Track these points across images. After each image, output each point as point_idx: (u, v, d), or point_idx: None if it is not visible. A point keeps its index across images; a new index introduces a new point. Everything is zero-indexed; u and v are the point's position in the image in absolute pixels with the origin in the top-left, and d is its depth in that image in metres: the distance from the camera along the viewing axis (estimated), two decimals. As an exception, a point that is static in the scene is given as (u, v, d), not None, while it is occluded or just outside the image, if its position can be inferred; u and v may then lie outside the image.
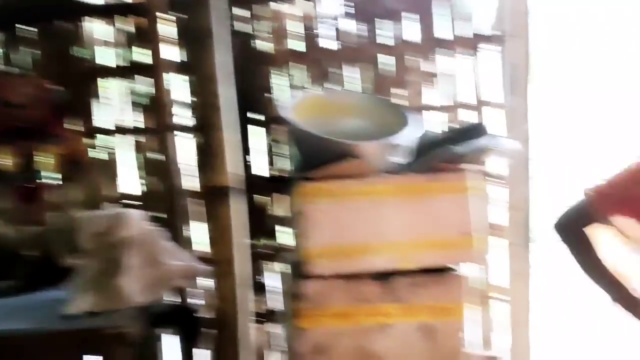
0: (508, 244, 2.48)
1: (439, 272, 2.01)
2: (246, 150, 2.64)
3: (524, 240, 2.54)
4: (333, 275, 1.94)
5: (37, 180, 2.51)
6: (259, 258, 2.66)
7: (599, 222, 1.34)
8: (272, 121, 2.62)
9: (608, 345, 3.07)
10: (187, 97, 2.54)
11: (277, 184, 2.62)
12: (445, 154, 1.98)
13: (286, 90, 2.59)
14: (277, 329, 2.67)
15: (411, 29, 2.55)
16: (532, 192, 2.63)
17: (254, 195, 2.66)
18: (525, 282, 2.64)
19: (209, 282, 2.47)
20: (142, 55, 2.58)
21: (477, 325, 2.65)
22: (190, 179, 2.58)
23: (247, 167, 2.62)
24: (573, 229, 1.40)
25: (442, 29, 2.53)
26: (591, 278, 1.41)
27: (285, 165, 2.62)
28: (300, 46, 2.59)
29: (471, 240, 1.98)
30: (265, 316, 2.69)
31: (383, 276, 1.97)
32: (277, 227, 2.66)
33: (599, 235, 1.38)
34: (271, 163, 2.66)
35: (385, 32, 2.56)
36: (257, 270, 2.66)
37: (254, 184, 2.64)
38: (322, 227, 1.92)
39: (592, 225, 1.36)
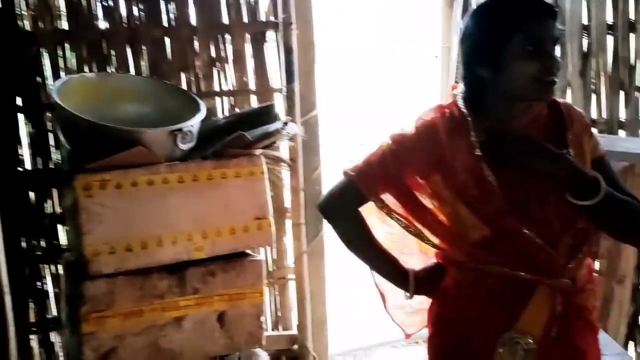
0: (301, 225, 2.54)
1: (234, 258, 1.99)
2: (16, 140, 2.34)
3: (317, 220, 2.63)
4: (119, 272, 1.81)
5: None
6: (35, 261, 2.39)
7: (361, 200, 1.41)
8: (42, 108, 2.35)
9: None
10: None
11: (51, 178, 2.37)
12: (236, 139, 1.96)
13: (56, 73, 2.34)
14: (59, 338, 2.43)
15: (195, 13, 2.46)
16: (323, 174, 2.74)
17: (29, 192, 2.38)
18: (320, 260, 2.75)
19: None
20: None
21: (275, 306, 2.70)
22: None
23: (17, 159, 2.33)
24: (336, 208, 1.46)
25: (228, 14, 2.49)
26: (356, 254, 1.47)
27: (59, 156, 2.36)
28: (71, 26, 2.35)
29: (265, 224, 2.01)
30: (45, 324, 2.43)
31: (175, 268, 1.90)
32: (55, 226, 2.40)
33: (362, 212, 1.44)
34: (44, 155, 2.38)
35: (167, 15, 2.44)
36: (34, 275, 2.39)
37: (24, 179, 2.36)
38: (104, 221, 1.80)
39: (354, 203, 1.42)
